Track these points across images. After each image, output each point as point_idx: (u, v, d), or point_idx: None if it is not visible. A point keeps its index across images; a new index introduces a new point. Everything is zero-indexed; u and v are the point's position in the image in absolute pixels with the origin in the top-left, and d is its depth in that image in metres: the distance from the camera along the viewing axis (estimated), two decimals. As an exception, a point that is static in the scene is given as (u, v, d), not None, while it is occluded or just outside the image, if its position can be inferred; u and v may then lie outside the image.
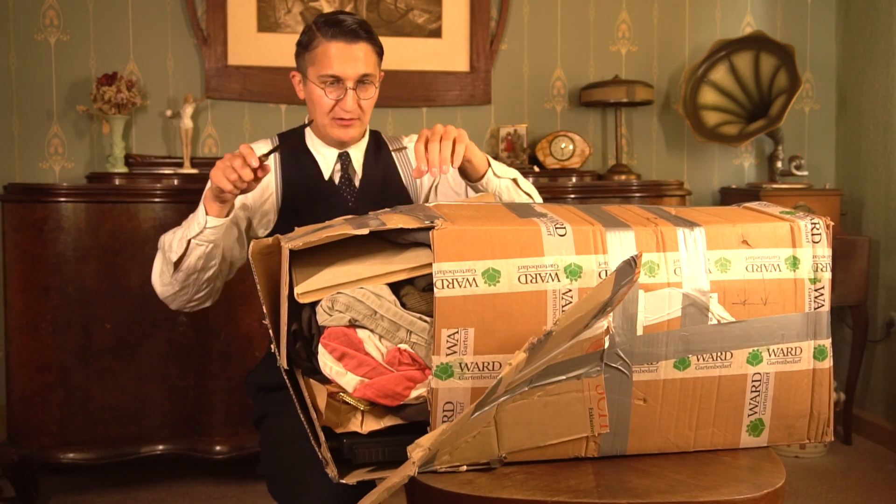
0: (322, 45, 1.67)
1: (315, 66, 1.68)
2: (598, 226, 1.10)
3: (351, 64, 1.67)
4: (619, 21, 3.44)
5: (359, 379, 1.11)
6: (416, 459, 0.95)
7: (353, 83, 1.67)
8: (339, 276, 1.18)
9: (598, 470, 1.12)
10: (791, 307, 1.15)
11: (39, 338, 2.52)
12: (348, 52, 1.66)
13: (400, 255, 1.18)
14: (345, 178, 1.76)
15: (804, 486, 2.76)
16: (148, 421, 2.60)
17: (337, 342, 1.12)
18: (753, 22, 3.52)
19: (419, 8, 3.22)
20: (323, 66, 1.67)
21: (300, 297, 1.17)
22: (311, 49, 1.69)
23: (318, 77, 1.67)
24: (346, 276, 1.17)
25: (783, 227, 1.16)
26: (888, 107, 3.19)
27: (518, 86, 3.37)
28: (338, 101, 1.68)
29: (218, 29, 3.10)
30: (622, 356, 1.11)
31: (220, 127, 3.16)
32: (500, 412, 1.09)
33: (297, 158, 1.76)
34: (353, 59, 1.67)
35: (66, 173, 3.07)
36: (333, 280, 1.17)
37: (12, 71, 3.02)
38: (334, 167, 1.77)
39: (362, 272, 1.18)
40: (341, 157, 1.77)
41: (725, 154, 3.54)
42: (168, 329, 2.59)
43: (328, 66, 1.66)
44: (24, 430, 2.55)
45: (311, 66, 1.69)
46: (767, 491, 1.08)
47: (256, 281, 1.21)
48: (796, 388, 1.17)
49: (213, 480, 2.79)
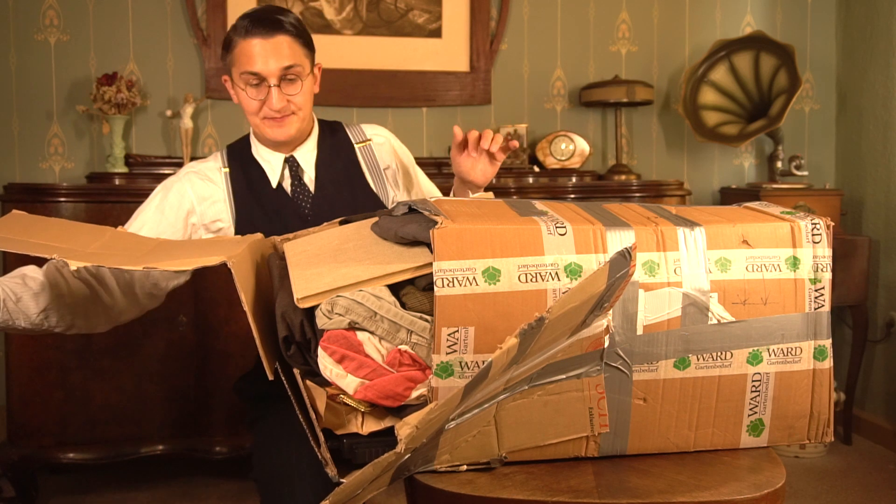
0: (240, 44, 1.59)
1: (236, 66, 1.61)
2: (599, 225, 1.10)
3: (272, 58, 1.57)
4: (619, 21, 3.44)
5: (359, 381, 1.11)
6: (404, 437, 0.94)
7: (275, 79, 1.58)
8: (338, 279, 1.16)
9: (599, 470, 1.12)
10: (791, 307, 1.15)
11: (39, 338, 2.52)
12: (266, 47, 1.57)
13: (399, 256, 1.17)
14: (296, 183, 1.68)
15: (804, 486, 2.76)
16: (148, 421, 2.60)
17: (336, 345, 1.12)
18: (753, 22, 3.52)
19: (419, 8, 3.22)
20: (241, 63, 1.59)
21: (300, 303, 1.15)
22: (231, 49, 1.62)
23: (240, 76, 1.59)
24: (346, 279, 1.15)
25: (783, 227, 1.16)
26: (888, 107, 3.19)
27: (518, 86, 3.37)
28: (263, 101, 1.60)
29: (218, 29, 3.10)
30: (622, 355, 1.11)
31: (220, 127, 3.16)
32: (500, 411, 1.09)
33: (244, 169, 1.68)
34: (272, 52, 1.57)
35: (66, 173, 3.07)
36: (333, 284, 1.15)
37: (12, 71, 3.02)
38: (282, 173, 1.68)
39: (362, 274, 1.16)
40: (288, 162, 1.68)
41: (725, 154, 3.54)
42: (168, 329, 2.59)
43: (247, 64, 1.58)
44: (24, 430, 2.55)
45: (234, 66, 1.62)
46: (767, 491, 1.07)
47: (239, 289, 1.19)
48: (796, 388, 1.17)
49: (212, 480, 2.79)
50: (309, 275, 1.20)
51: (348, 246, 1.27)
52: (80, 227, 1.37)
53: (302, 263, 1.25)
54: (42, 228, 1.31)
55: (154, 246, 1.35)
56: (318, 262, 1.23)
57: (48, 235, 1.26)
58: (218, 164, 1.70)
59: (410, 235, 1.15)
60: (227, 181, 1.66)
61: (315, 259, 1.25)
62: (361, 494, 1.01)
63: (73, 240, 1.26)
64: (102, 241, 1.31)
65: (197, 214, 1.65)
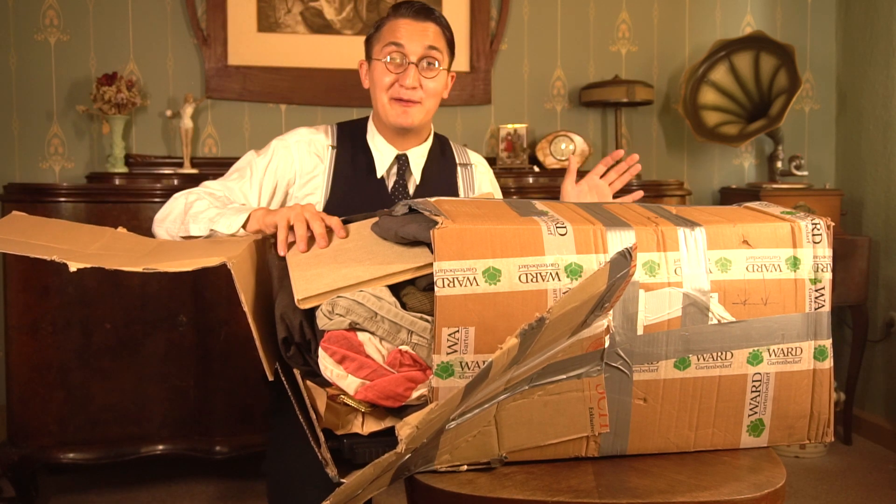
0: (389, 22, 1.65)
1: (381, 40, 1.65)
2: (599, 225, 1.10)
3: (417, 37, 1.62)
4: (619, 21, 3.44)
5: (360, 381, 1.11)
6: (404, 437, 0.94)
7: (416, 58, 1.62)
8: (338, 280, 1.16)
9: (599, 470, 1.12)
10: (791, 307, 1.15)
11: (39, 338, 2.52)
12: (415, 26, 1.63)
13: (399, 256, 1.17)
14: (399, 181, 1.70)
15: (804, 486, 2.76)
16: (148, 421, 2.60)
17: (337, 345, 1.12)
18: (753, 22, 3.52)
19: (419, 8, 3.22)
20: (387, 36, 1.63)
21: (300, 304, 1.15)
22: (379, 29, 1.67)
23: (383, 49, 1.63)
24: (346, 279, 1.15)
25: (784, 227, 1.16)
26: (888, 107, 3.19)
27: (518, 86, 3.37)
28: (398, 76, 1.62)
29: (218, 29, 3.10)
30: (622, 356, 1.11)
31: (220, 127, 3.16)
32: (500, 411, 1.09)
33: (353, 151, 1.70)
34: (419, 32, 1.63)
35: (66, 173, 3.07)
36: (333, 284, 1.15)
37: (12, 71, 3.02)
38: (390, 167, 1.70)
39: (362, 275, 1.16)
40: (399, 159, 1.70)
41: (725, 154, 3.54)
42: (168, 329, 2.59)
43: (393, 35, 1.62)
44: (24, 430, 2.55)
45: (377, 43, 1.66)
46: (767, 491, 1.07)
47: (239, 290, 1.19)
48: (796, 388, 1.17)
49: (213, 480, 2.79)
50: (309, 275, 1.20)
51: (349, 246, 1.27)
52: (79, 228, 1.38)
53: (302, 264, 1.25)
54: (42, 230, 1.31)
55: (154, 246, 1.35)
56: (319, 263, 1.23)
57: (48, 236, 1.27)
58: (329, 140, 1.72)
59: (411, 235, 1.15)
60: (332, 159, 1.69)
61: (315, 260, 1.25)
62: (362, 495, 1.01)
63: (73, 241, 1.27)
64: (102, 241, 1.31)
65: (296, 186, 1.69)
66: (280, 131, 3.11)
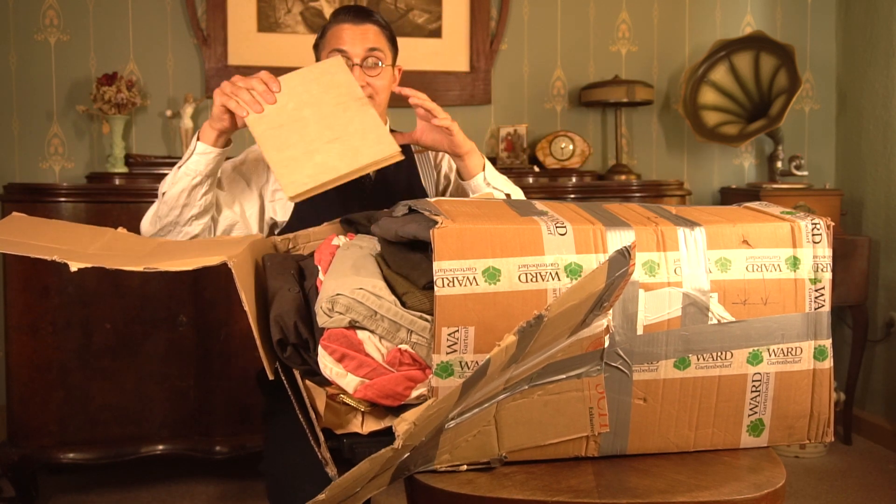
0: (332, 29, 1.75)
1: (326, 48, 1.75)
2: (599, 225, 1.10)
3: (358, 40, 1.72)
4: (619, 21, 3.44)
5: (359, 380, 1.11)
6: (402, 433, 0.94)
7: (359, 59, 1.71)
8: (319, 172, 1.36)
9: (599, 470, 1.12)
10: (791, 307, 1.15)
11: (39, 338, 2.52)
12: (355, 30, 1.73)
13: (358, 131, 1.39)
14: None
15: (804, 486, 2.76)
16: (148, 421, 2.60)
17: (337, 343, 1.12)
18: (753, 22, 3.52)
19: (419, 8, 3.22)
20: (331, 44, 1.73)
21: (292, 199, 1.36)
22: (324, 36, 1.77)
23: (328, 54, 1.72)
24: (327, 172, 1.36)
25: (784, 227, 1.16)
26: (888, 107, 3.19)
27: (518, 86, 3.37)
28: None
29: (218, 29, 3.10)
30: (622, 355, 1.11)
31: (220, 127, 3.16)
32: (500, 411, 1.09)
33: None
34: (360, 35, 1.72)
35: (66, 173, 3.07)
36: (318, 179, 1.36)
37: (12, 71, 3.02)
38: None
39: (339, 167, 1.37)
40: None
41: (725, 154, 3.55)
42: (168, 329, 2.59)
43: (336, 43, 1.72)
44: (24, 430, 2.55)
45: (324, 49, 1.76)
46: (767, 491, 1.07)
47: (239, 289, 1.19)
48: (796, 388, 1.17)
49: (213, 480, 2.79)
50: (286, 159, 1.37)
51: (305, 114, 1.43)
52: (80, 229, 1.38)
53: (271, 138, 1.40)
54: (42, 230, 1.31)
55: (154, 246, 1.35)
56: (287, 141, 1.39)
57: (48, 237, 1.27)
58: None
59: (411, 235, 1.15)
60: None
61: (279, 132, 1.41)
62: (361, 493, 1.01)
63: (74, 241, 1.27)
64: (103, 241, 1.31)
65: (267, 187, 1.76)
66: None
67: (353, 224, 1.44)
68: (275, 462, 1.42)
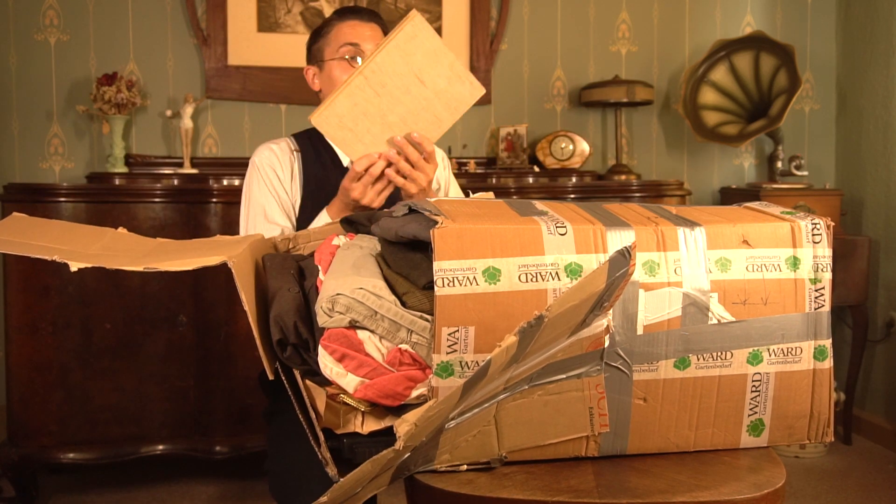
0: (336, 26, 1.76)
1: (331, 44, 1.76)
2: (599, 225, 1.10)
3: (368, 37, 1.75)
4: (619, 21, 3.44)
5: (359, 380, 1.11)
6: (403, 434, 0.94)
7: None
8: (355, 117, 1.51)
9: (599, 470, 1.12)
10: (791, 307, 1.15)
11: (39, 338, 2.52)
12: (365, 27, 1.76)
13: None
14: None
15: (804, 486, 2.76)
16: (148, 421, 2.60)
17: (337, 343, 1.12)
18: (753, 22, 3.52)
19: (419, 8, 3.22)
20: (341, 38, 1.74)
21: (316, 122, 1.49)
22: (325, 34, 1.78)
23: (338, 50, 1.74)
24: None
25: (784, 227, 1.16)
26: (888, 107, 3.19)
27: (518, 86, 3.37)
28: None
29: (218, 29, 3.10)
30: (622, 355, 1.11)
31: (220, 127, 3.16)
32: (500, 411, 1.09)
33: (316, 149, 1.82)
34: (369, 32, 1.75)
35: (66, 173, 3.07)
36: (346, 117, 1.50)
37: (12, 71, 3.02)
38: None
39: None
40: None
41: (725, 154, 3.55)
42: (168, 329, 2.59)
43: (348, 36, 1.74)
44: (24, 430, 2.55)
45: (328, 46, 1.77)
46: (767, 491, 1.07)
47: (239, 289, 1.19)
48: (796, 388, 1.17)
49: (213, 480, 2.79)
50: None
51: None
52: (80, 229, 1.38)
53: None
54: (42, 230, 1.31)
55: (155, 246, 1.35)
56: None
57: (49, 237, 1.27)
58: (292, 146, 1.84)
59: (411, 235, 1.15)
60: (299, 160, 1.81)
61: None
62: (361, 493, 1.01)
63: (74, 241, 1.27)
64: (103, 242, 1.31)
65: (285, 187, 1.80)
66: (280, 131, 3.11)
67: (354, 224, 1.44)
68: (280, 460, 1.43)
